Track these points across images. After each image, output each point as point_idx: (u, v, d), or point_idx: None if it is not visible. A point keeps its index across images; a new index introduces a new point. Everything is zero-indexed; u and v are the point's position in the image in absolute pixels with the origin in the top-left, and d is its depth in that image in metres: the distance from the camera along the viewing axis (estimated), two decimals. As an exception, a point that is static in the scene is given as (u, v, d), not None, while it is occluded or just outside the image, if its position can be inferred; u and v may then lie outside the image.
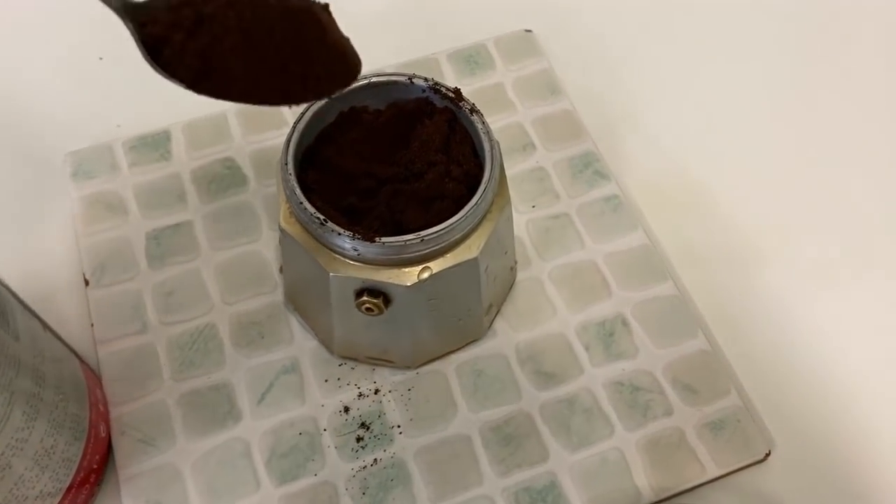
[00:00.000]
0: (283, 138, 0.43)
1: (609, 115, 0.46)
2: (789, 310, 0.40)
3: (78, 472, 0.33)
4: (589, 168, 0.43)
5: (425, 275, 0.32)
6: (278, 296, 0.39)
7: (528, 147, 0.44)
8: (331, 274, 0.32)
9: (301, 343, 0.38)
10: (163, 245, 0.41)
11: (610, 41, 0.49)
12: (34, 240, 0.41)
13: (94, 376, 0.36)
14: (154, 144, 0.44)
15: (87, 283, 0.40)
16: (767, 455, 0.36)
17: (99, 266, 0.40)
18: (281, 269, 0.39)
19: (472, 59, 0.47)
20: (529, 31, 0.48)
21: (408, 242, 0.31)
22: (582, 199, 0.42)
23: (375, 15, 0.50)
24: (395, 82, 0.34)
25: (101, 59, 0.48)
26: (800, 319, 0.40)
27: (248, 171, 0.43)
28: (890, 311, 0.40)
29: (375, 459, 0.36)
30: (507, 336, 0.39)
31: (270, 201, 0.42)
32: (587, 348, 0.38)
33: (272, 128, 0.44)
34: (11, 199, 0.43)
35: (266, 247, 0.41)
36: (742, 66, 0.48)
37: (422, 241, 0.31)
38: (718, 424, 0.37)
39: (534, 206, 0.42)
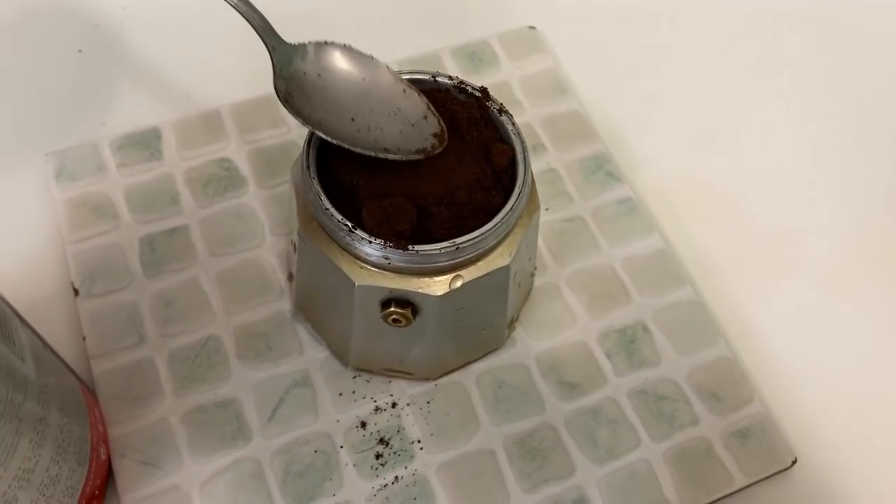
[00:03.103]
0: (284, 137, 0.42)
1: (618, 114, 0.45)
2: (807, 316, 0.40)
3: (81, 499, 0.30)
4: (601, 170, 0.42)
5: (458, 283, 0.30)
6: (284, 304, 0.37)
7: (538, 148, 0.43)
8: (357, 283, 0.30)
9: (311, 355, 0.36)
10: (158, 251, 0.38)
11: (615, 38, 0.48)
12: (15, 247, 0.38)
13: (89, 394, 0.34)
14: (143, 143, 0.41)
15: (76, 292, 0.37)
16: (794, 462, 0.36)
17: (89, 275, 0.37)
18: (289, 277, 0.37)
19: (476, 56, 0.45)
20: (533, 27, 0.47)
21: (442, 250, 0.29)
22: (595, 202, 0.41)
23: (374, 10, 0.48)
24: (419, 80, 0.33)
25: (80, 51, 0.45)
26: (818, 326, 0.39)
27: (247, 171, 0.41)
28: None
29: (396, 477, 0.34)
30: (527, 345, 0.37)
31: (272, 204, 0.40)
32: (609, 356, 0.37)
33: (269, 126, 0.42)
34: (-13, 201, 0.40)
35: (269, 252, 0.38)
36: (759, 65, 0.47)
37: (457, 248, 0.29)
38: (744, 433, 0.36)
39: (547, 209, 0.41)
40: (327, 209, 0.29)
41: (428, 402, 0.35)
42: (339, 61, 0.32)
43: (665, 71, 0.47)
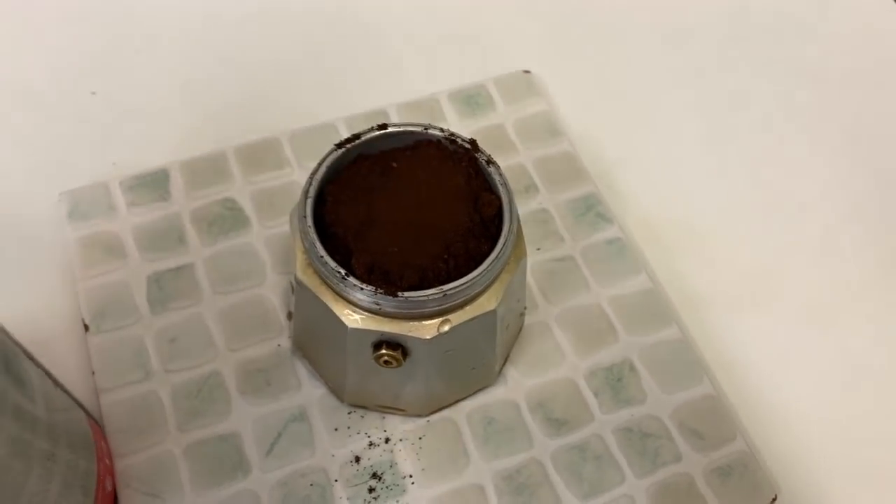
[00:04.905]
0: (286, 178, 0.44)
1: (609, 155, 0.46)
2: (790, 354, 0.41)
3: (86, 530, 0.32)
4: (591, 210, 0.44)
5: (446, 328, 0.32)
6: (284, 341, 0.39)
7: (530, 189, 0.44)
8: (349, 327, 0.32)
9: (309, 391, 0.38)
10: (164, 289, 0.40)
11: (607, 81, 0.49)
12: (28, 283, 0.40)
13: (97, 427, 0.35)
14: (153, 184, 0.43)
15: (86, 328, 0.39)
16: (774, 500, 0.37)
17: (99, 311, 0.39)
18: (289, 316, 0.39)
19: (473, 99, 0.47)
20: (528, 72, 0.49)
21: (430, 297, 0.31)
22: (585, 242, 0.43)
23: (374, 56, 0.49)
24: (411, 132, 0.34)
25: (93, 93, 0.47)
26: (801, 363, 0.41)
27: (250, 212, 0.42)
28: (893, 355, 0.41)
29: (388, 511, 0.35)
30: (517, 382, 0.39)
31: (274, 243, 0.41)
32: (596, 394, 0.38)
33: (273, 168, 0.44)
34: (3, 241, 0.42)
35: (271, 291, 0.40)
36: (742, 110, 0.49)
37: (444, 295, 0.31)
38: (726, 470, 0.37)
39: (538, 249, 0.42)
40: (322, 256, 0.31)
41: (420, 438, 0.37)
42: None
43: (654, 113, 0.48)
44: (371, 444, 0.37)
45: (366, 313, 0.32)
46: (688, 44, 0.51)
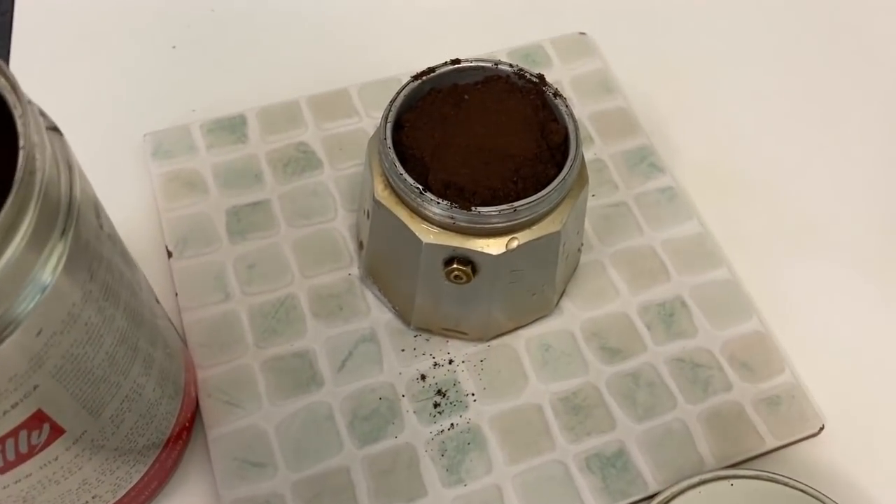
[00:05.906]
0: (355, 126, 0.46)
1: (661, 111, 0.48)
2: (835, 295, 0.42)
3: (174, 427, 0.34)
4: (644, 161, 0.46)
5: (513, 244, 0.34)
6: (354, 271, 0.41)
7: (586, 140, 0.46)
8: (424, 242, 0.34)
9: (377, 315, 0.40)
10: (242, 221, 0.42)
11: (658, 42, 0.52)
12: (117, 214, 0.43)
13: (182, 341, 0.38)
14: (230, 127, 0.46)
15: (169, 254, 0.41)
16: (821, 429, 0.38)
17: (181, 239, 0.42)
18: (360, 246, 0.41)
19: (531, 56, 0.49)
20: (583, 33, 0.51)
21: (501, 212, 0.33)
22: (639, 190, 0.45)
23: (437, 15, 0.52)
24: (482, 67, 0.37)
25: (174, 47, 0.50)
26: (846, 304, 0.42)
27: (322, 155, 0.45)
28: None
29: (452, 424, 0.37)
30: (573, 314, 0.41)
31: (343, 184, 0.44)
32: (649, 327, 0.40)
33: (342, 116, 0.46)
34: (92, 176, 0.44)
35: (341, 225, 0.43)
36: (789, 66, 0.51)
37: (514, 211, 0.33)
38: (775, 400, 0.39)
39: (593, 195, 0.44)
40: (401, 174, 0.33)
41: (481, 361, 0.39)
42: None
43: (705, 71, 0.50)
44: (435, 364, 0.39)
45: (439, 229, 0.34)
46: (736, 4, 0.53)
